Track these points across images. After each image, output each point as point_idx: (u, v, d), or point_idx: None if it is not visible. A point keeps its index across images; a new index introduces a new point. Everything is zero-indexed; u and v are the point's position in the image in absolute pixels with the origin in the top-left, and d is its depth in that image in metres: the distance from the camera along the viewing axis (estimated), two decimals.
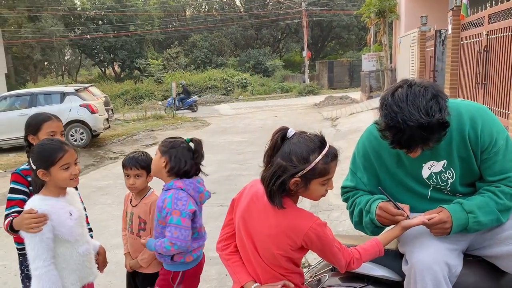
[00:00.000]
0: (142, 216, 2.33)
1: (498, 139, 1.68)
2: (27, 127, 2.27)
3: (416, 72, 12.15)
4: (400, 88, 1.56)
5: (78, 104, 11.24)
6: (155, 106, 21.66)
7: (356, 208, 1.86)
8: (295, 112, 16.86)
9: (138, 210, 2.35)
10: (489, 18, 6.64)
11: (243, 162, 8.18)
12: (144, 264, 2.35)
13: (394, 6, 15.37)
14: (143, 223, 2.33)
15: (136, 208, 2.35)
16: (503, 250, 1.67)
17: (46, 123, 2.24)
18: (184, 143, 2.15)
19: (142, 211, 2.33)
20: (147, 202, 2.35)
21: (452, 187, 1.77)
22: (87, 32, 32.66)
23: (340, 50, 39.25)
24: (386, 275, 1.76)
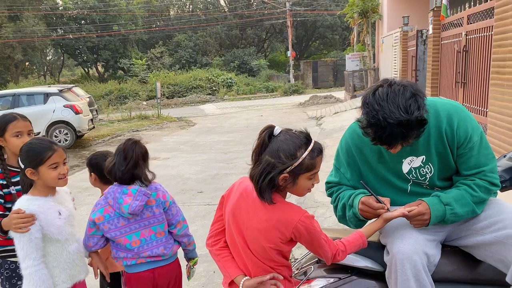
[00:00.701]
0: None
1: (473, 136, 1.76)
2: None
3: (398, 71, 12.36)
4: (380, 88, 1.64)
5: (62, 105, 11.12)
6: (140, 106, 21.53)
7: (339, 203, 1.93)
8: (280, 112, 16.96)
9: None
10: (468, 18, 6.82)
11: (229, 161, 8.22)
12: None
13: (377, 7, 15.59)
14: None
15: None
16: (478, 240, 1.75)
17: (12, 123, 2.18)
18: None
19: None
20: None
21: (430, 181, 1.85)
22: (69, 32, 32.26)
23: (324, 50, 39.57)
24: (369, 265, 1.84)
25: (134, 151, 1.97)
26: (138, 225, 2.02)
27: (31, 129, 2.25)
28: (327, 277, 1.90)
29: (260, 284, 1.56)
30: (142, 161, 2.01)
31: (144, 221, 2.03)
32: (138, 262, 2.04)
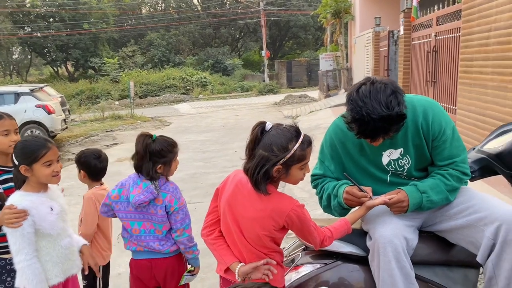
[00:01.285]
0: None
1: (446, 129, 1.92)
2: None
3: (371, 71, 12.68)
4: (364, 85, 1.77)
5: (33, 105, 10.86)
6: (112, 106, 21.21)
7: (324, 194, 2.05)
8: (256, 111, 17.08)
9: None
10: (437, 20, 7.11)
11: (207, 161, 8.27)
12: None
13: (349, 7, 15.92)
14: None
15: None
16: (451, 224, 1.91)
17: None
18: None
19: None
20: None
21: (408, 172, 2.00)
22: (37, 30, 31.35)
23: (297, 49, 39.97)
24: (353, 251, 1.97)
25: (141, 144, 2.06)
26: (142, 216, 2.13)
27: (17, 127, 2.27)
28: (313, 263, 2.02)
29: (254, 269, 1.66)
30: (150, 156, 2.07)
31: (148, 215, 2.13)
32: (138, 249, 2.16)
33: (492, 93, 4.94)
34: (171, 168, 2.16)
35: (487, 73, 5.07)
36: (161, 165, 2.10)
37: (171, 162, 2.15)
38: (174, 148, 2.17)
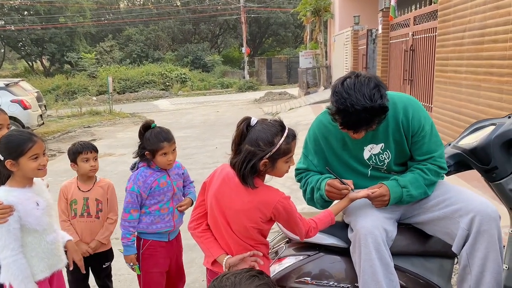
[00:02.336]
0: (99, 198, 2.61)
1: (425, 125, 2.00)
2: None
3: (350, 69, 12.85)
4: (348, 78, 1.84)
5: (9, 100, 10.56)
6: (90, 101, 20.82)
7: (308, 187, 2.11)
8: (236, 108, 17.08)
9: (94, 194, 2.60)
10: (414, 20, 7.27)
11: (188, 157, 8.24)
12: (105, 241, 2.62)
13: (329, 6, 16.07)
14: (100, 204, 2.61)
15: (91, 193, 2.60)
16: (428, 216, 1.99)
17: None
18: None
19: (99, 194, 2.62)
20: (103, 185, 2.65)
21: (388, 166, 2.07)
22: (11, 23, 30.48)
23: (277, 47, 40.08)
24: (335, 243, 2.03)
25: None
26: None
27: (9, 122, 2.25)
28: (296, 255, 2.08)
29: (241, 261, 1.70)
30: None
31: None
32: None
33: (466, 91, 5.11)
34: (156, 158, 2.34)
35: (462, 72, 5.24)
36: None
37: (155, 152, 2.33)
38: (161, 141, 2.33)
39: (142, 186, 2.35)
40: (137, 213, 2.37)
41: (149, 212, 2.41)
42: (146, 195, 2.38)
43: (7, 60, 41.05)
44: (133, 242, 2.38)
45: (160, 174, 2.41)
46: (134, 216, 2.37)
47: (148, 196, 2.38)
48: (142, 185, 2.35)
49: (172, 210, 2.45)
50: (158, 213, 2.41)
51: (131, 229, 2.36)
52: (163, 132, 2.36)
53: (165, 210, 2.43)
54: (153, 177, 2.38)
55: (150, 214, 2.41)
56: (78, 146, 2.57)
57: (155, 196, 2.39)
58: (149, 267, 2.41)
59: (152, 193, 2.38)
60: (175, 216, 2.48)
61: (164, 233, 2.45)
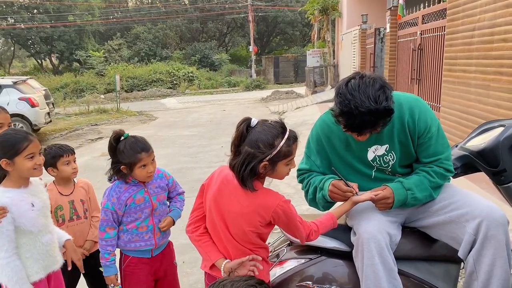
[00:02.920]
0: (83, 198, 2.53)
1: (431, 126, 1.94)
2: None
3: (357, 68, 12.77)
4: (353, 79, 1.78)
5: (17, 98, 10.64)
6: (98, 99, 20.92)
7: (310, 187, 2.07)
8: (243, 106, 17.06)
9: (77, 195, 2.51)
10: (423, 18, 7.19)
11: (194, 155, 8.24)
12: (97, 239, 2.49)
13: (337, 4, 15.98)
14: (85, 204, 2.53)
15: (74, 195, 2.50)
16: (433, 220, 1.94)
17: None
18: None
19: (82, 194, 2.53)
20: (83, 185, 2.57)
21: (392, 168, 2.02)
22: (21, 21, 30.73)
23: (285, 45, 39.98)
24: (337, 246, 1.99)
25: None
26: None
27: (10, 121, 2.24)
28: (298, 258, 2.03)
29: (240, 265, 1.66)
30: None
31: None
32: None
33: (475, 91, 5.02)
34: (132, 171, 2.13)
35: (471, 72, 5.15)
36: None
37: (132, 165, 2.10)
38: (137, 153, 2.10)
39: (116, 203, 2.14)
40: (113, 231, 2.17)
41: (127, 229, 2.20)
42: (122, 212, 2.17)
43: (17, 58, 41.42)
44: (112, 261, 2.18)
45: (136, 189, 2.17)
46: (111, 235, 2.17)
47: (124, 213, 2.17)
48: (116, 202, 2.14)
49: (152, 227, 2.22)
50: (135, 231, 2.19)
51: (109, 248, 2.17)
52: (139, 141, 2.11)
53: (144, 228, 2.20)
54: (128, 193, 2.15)
55: (128, 232, 2.20)
56: (58, 150, 2.42)
57: (131, 213, 2.17)
58: (131, 285, 2.22)
59: (128, 211, 2.17)
60: (157, 233, 2.24)
61: (146, 250, 2.24)
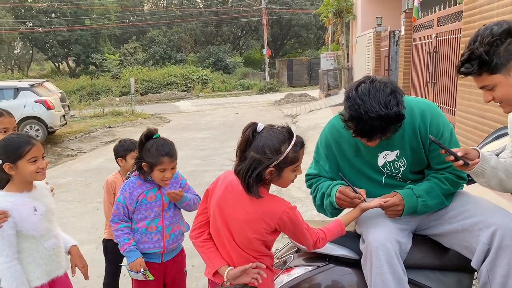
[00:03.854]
0: None
1: (444, 132, 1.89)
2: None
3: (371, 71, 12.64)
4: (363, 84, 1.74)
5: (33, 100, 10.84)
6: (113, 102, 21.16)
7: (318, 193, 2.03)
8: (256, 109, 17.05)
9: None
10: (438, 21, 7.07)
11: (206, 158, 8.25)
12: None
13: (351, 7, 15.88)
14: None
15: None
16: (446, 228, 1.88)
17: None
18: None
19: None
20: None
21: (403, 174, 1.97)
22: (39, 25, 31.32)
23: (299, 48, 39.88)
24: (346, 254, 1.94)
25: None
26: None
27: (15, 125, 2.25)
28: (305, 265, 1.99)
29: (243, 273, 1.62)
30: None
31: None
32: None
33: None
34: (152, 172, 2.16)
35: None
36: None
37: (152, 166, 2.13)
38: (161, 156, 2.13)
39: (128, 197, 2.16)
40: (126, 223, 2.19)
41: (136, 229, 2.20)
42: (133, 208, 2.17)
43: (35, 61, 42.21)
44: (133, 246, 2.16)
45: (150, 186, 2.20)
46: (125, 224, 2.18)
47: (134, 209, 2.18)
48: (128, 197, 2.16)
49: (162, 229, 2.21)
50: (144, 231, 2.19)
51: (126, 235, 2.17)
52: (167, 145, 2.14)
53: (153, 229, 2.19)
54: (141, 189, 2.18)
55: (137, 231, 2.20)
56: (131, 145, 2.64)
57: (141, 210, 2.18)
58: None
59: (139, 207, 2.17)
60: (166, 236, 2.22)
61: (156, 254, 2.23)
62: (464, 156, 1.66)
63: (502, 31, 1.52)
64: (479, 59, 1.54)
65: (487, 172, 1.69)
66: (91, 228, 4.83)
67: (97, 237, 4.48)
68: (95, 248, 4.29)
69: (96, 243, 4.35)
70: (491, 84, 1.59)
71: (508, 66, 1.53)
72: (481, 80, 1.61)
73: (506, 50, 1.51)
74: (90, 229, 4.82)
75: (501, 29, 1.52)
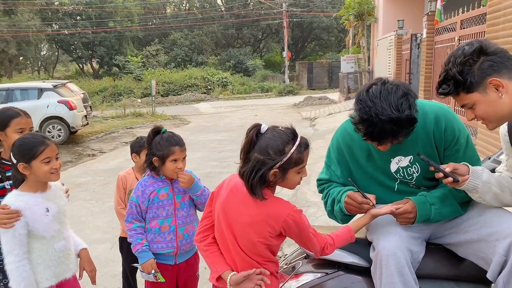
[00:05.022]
0: None
1: (459, 137, 1.82)
2: None
3: (392, 74, 12.45)
4: (374, 85, 1.69)
5: (56, 100, 11.09)
6: (134, 103, 21.46)
7: (329, 199, 1.99)
8: (274, 112, 17.02)
9: None
10: (461, 23, 6.90)
11: (223, 160, 8.26)
12: None
13: (372, 10, 15.69)
14: None
15: None
16: (461, 238, 1.81)
17: (15, 119, 2.19)
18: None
19: None
20: None
21: (417, 181, 1.91)
22: (64, 27, 32.07)
23: (319, 51, 39.68)
24: (355, 261, 1.89)
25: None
26: None
27: (32, 126, 2.27)
28: (314, 272, 1.95)
29: (247, 278, 1.59)
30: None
31: None
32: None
33: None
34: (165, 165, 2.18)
35: None
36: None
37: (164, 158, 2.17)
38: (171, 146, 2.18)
39: (140, 196, 2.19)
40: (140, 223, 2.21)
41: (150, 228, 2.22)
42: (145, 207, 2.19)
43: (60, 63, 43.22)
44: (146, 246, 2.18)
45: (161, 184, 2.22)
46: (139, 224, 2.21)
47: (147, 208, 2.20)
48: (140, 195, 2.19)
49: (175, 228, 2.22)
50: (158, 230, 2.20)
51: (139, 235, 2.20)
52: (175, 136, 2.21)
53: (166, 228, 2.21)
54: (153, 187, 2.20)
55: (151, 231, 2.22)
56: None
57: (153, 208, 2.20)
58: None
59: (151, 205, 2.20)
60: (179, 236, 2.22)
61: (169, 255, 2.24)
62: (453, 172, 1.67)
63: (474, 50, 1.56)
64: (454, 79, 1.58)
65: (479, 187, 1.69)
66: (107, 228, 4.89)
67: (112, 236, 4.53)
68: (110, 247, 4.34)
69: (112, 242, 4.40)
70: (470, 102, 1.61)
71: (484, 84, 1.56)
72: (460, 99, 1.64)
73: (479, 69, 1.55)
74: (106, 229, 4.88)
75: (472, 49, 1.56)
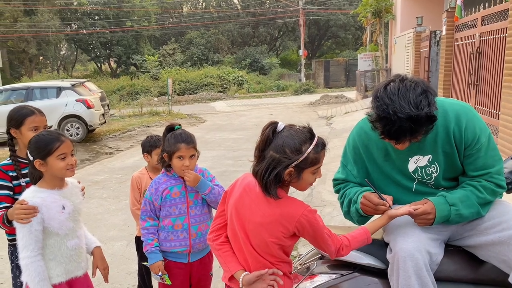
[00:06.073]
0: None
1: (481, 137, 1.76)
2: (9, 120, 2.24)
3: (411, 72, 12.25)
4: (392, 82, 1.64)
5: (74, 99, 11.26)
6: (151, 102, 21.66)
7: (345, 199, 1.95)
8: (290, 111, 16.95)
9: None
10: (482, 20, 6.74)
11: (238, 159, 8.25)
12: None
13: (390, 7, 15.47)
14: None
15: None
16: (481, 240, 1.75)
17: (29, 117, 2.22)
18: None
19: None
20: None
21: (436, 181, 1.86)
22: (83, 27, 32.57)
23: (336, 49, 39.34)
24: (372, 263, 1.85)
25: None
26: None
27: (46, 124, 2.29)
28: (330, 273, 1.91)
29: (259, 278, 1.57)
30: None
31: None
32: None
33: None
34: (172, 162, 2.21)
35: None
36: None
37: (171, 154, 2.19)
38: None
39: (154, 193, 2.21)
40: (153, 221, 2.23)
41: (163, 226, 2.23)
42: (159, 205, 2.20)
43: (79, 62, 43.91)
44: (156, 247, 2.20)
45: (174, 182, 2.23)
46: (152, 223, 2.23)
47: (160, 206, 2.21)
48: (154, 193, 2.21)
49: (188, 227, 2.22)
50: (171, 228, 2.21)
51: (151, 235, 2.22)
52: (184, 134, 2.20)
53: (179, 227, 2.21)
54: (165, 185, 2.21)
55: (164, 229, 2.22)
56: (157, 141, 2.72)
57: (165, 206, 2.20)
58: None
59: (164, 203, 2.20)
60: (193, 235, 2.22)
61: (182, 253, 2.24)
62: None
63: None
64: None
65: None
66: (123, 225, 4.93)
67: (128, 234, 4.56)
68: (126, 245, 4.37)
69: (127, 240, 4.43)
70: None
71: None
72: None
73: None
74: (122, 226, 4.92)
75: None
